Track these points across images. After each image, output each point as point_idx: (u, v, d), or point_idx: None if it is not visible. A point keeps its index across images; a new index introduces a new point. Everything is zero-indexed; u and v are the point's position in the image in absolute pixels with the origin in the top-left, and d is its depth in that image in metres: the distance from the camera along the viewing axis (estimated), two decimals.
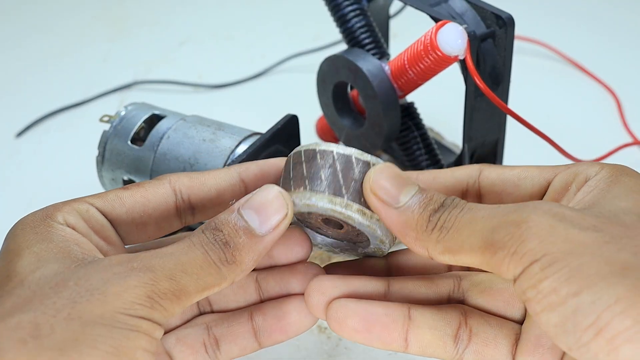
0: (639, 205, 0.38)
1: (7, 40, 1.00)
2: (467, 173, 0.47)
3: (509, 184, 0.46)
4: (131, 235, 0.45)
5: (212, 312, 0.47)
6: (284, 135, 0.54)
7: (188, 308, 0.47)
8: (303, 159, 0.42)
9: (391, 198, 0.41)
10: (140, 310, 0.38)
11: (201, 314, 0.47)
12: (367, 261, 0.47)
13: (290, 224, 0.42)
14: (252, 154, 0.51)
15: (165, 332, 0.46)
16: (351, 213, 0.41)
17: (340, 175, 0.42)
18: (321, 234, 0.46)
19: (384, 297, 0.45)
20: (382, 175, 0.41)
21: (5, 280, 0.39)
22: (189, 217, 0.46)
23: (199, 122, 0.55)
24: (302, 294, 0.45)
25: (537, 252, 0.35)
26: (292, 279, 0.46)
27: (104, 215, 0.44)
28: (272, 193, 0.42)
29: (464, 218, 0.39)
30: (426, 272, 0.48)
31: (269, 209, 0.42)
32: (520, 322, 0.45)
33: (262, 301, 0.47)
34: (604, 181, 0.40)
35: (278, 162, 0.45)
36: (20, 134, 0.81)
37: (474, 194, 0.47)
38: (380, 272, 0.47)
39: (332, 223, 0.44)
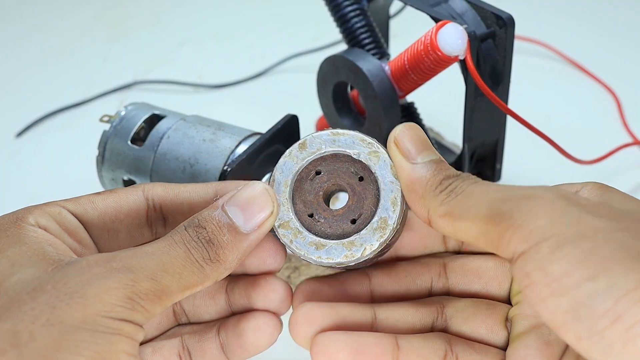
0: (636, 207, 0.36)
1: (7, 40, 1.00)
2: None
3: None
4: (103, 241, 0.44)
5: (189, 323, 0.46)
6: (284, 135, 0.54)
7: (165, 319, 0.46)
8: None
9: (412, 153, 0.40)
10: (122, 312, 0.37)
11: (178, 324, 0.46)
12: (349, 277, 0.46)
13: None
14: (252, 154, 0.51)
15: (142, 343, 0.45)
16: (380, 148, 0.41)
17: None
18: (310, 230, 0.43)
19: (371, 326, 0.44)
20: (408, 132, 0.41)
21: None
22: (160, 228, 0.45)
23: (199, 122, 0.55)
24: (263, 311, 0.44)
25: (546, 230, 0.33)
26: (254, 293, 0.44)
27: (76, 217, 0.42)
28: (257, 189, 0.41)
29: (476, 187, 0.38)
30: (408, 294, 0.46)
31: (254, 206, 0.41)
32: (504, 348, 0.43)
33: (232, 313, 0.45)
34: (594, 192, 0.39)
35: (257, 186, 0.42)
36: (20, 134, 0.81)
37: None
38: (362, 290, 0.46)
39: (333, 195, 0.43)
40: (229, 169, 0.49)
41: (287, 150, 0.42)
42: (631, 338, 0.29)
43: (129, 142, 0.56)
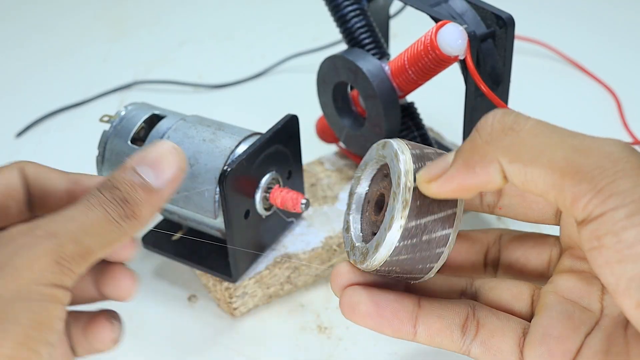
0: None
1: (7, 40, 1.00)
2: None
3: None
4: None
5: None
6: (284, 135, 0.55)
7: None
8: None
9: (443, 167, 0.39)
10: (52, 277, 0.38)
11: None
12: None
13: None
14: (252, 154, 0.51)
15: None
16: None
17: None
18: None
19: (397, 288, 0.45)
20: (424, 170, 0.40)
21: None
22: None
23: (199, 122, 0.55)
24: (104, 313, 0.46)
25: (627, 196, 0.32)
26: (101, 282, 0.46)
27: None
28: (165, 147, 0.42)
29: (541, 124, 0.36)
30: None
31: (164, 163, 0.42)
32: (529, 319, 0.44)
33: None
34: None
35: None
36: (20, 134, 0.81)
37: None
38: None
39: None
40: (228, 169, 0.49)
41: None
42: None
43: (129, 142, 0.56)
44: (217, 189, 0.52)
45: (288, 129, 0.55)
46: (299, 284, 0.59)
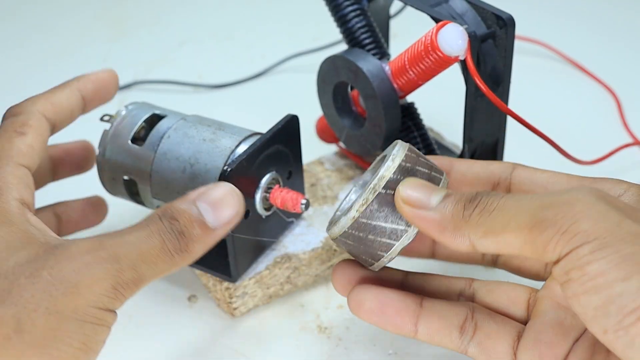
0: None
1: (7, 40, 1.00)
2: (501, 168, 0.49)
3: (537, 186, 0.47)
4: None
5: None
6: (284, 135, 0.54)
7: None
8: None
9: (423, 202, 0.42)
10: (107, 302, 0.40)
11: None
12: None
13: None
14: (253, 154, 0.51)
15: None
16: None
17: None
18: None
19: (400, 287, 0.49)
20: (411, 184, 0.43)
21: None
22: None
23: (199, 122, 0.55)
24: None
25: (589, 234, 0.35)
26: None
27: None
28: (227, 189, 0.45)
29: (509, 200, 0.39)
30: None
31: (223, 204, 0.44)
32: (524, 322, 0.47)
33: None
34: (634, 200, 0.42)
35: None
36: None
37: (504, 190, 0.49)
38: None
39: None
40: (229, 169, 0.49)
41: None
42: None
43: (130, 142, 0.56)
44: None
45: (288, 129, 0.55)
46: (299, 284, 0.59)
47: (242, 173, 0.50)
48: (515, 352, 0.45)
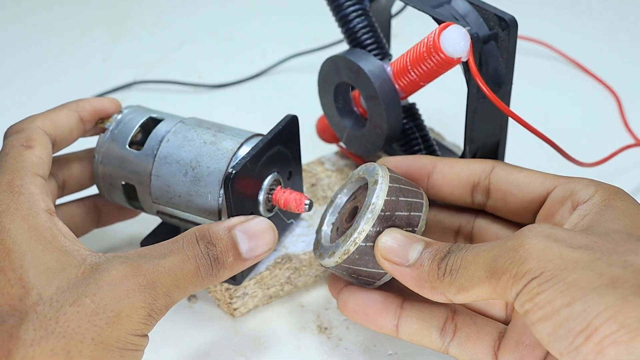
0: (628, 227, 0.41)
1: (7, 40, 1.00)
2: (481, 168, 0.51)
3: (514, 186, 0.50)
4: None
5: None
6: (285, 136, 0.54)
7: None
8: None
9: (401, 258, 0.45)
10: (143, 328, 0.43)
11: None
12: None
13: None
14: (256, 156, 0.51)
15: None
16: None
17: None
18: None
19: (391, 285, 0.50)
20: (389, 239, 0.46)
21: (22, 292, 0.42)
22: None
23: (198, 125, 0.55)
24: None
25: (535, 270, 0.38)
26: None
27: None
28: (266, 225, 0.48)
29: (468, 256, 0.42)
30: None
31: (260, 239, 0.47)
32: (506, 322, 0.49)
33: None
34: (597, 205, 0.44)
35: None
36: None
37: (484, 189, 0.51)
38: None
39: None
40: (233, 172, 0.49)
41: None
42: (600, 350, 0.35)
43: (127, 147, 0.55)
44: (221, 192, 0.52)
45: (289, 129, 0.55)
46: (299, 285, 0.59)
47: (245, 175, 0.50)
48: (497, 353, 0.47)
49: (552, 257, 0.38)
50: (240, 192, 0.50)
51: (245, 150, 0.52)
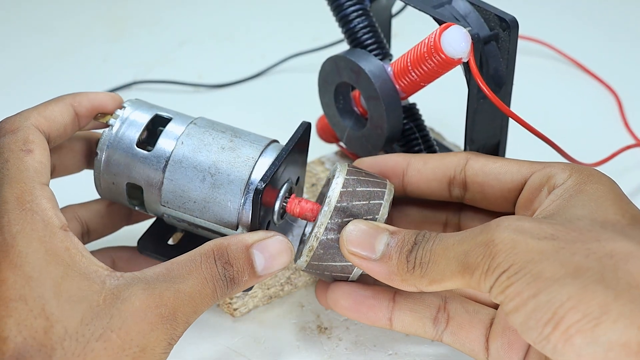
0: (593, 212, 0.42)
1: (7, 40, 1.00)
2: (455, 162, 0.52)
3: (490, 177, 0.50)
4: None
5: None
6: (300, 144, 0.53)
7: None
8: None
9: (368, 251, 0.45)
10: (164, 356, 0.44)
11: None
12: None
13: None
14: (280, 167, 0.50)
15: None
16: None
17: None
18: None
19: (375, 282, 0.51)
20: (353, 230, 0.46)
21: (46, 325, 0.41)
22: None
23: (211, 127, 0.53)
24: None
25: (504, 264, 0.39)
26: None
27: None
28: (283, 245, 0.48)
29: (437, 249, 0.43)
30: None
31: (276, 259, 0.47)
32: (497, 308, 0.50)
33: None
34: (568, 191, 0.45)
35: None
36: None
37: (460, 182, 0.52)
38: None
39: None
40: (264, 185, 0.47)
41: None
42: (568, 339, 0.36)
43: (135, 146, 0.53)
44: (242, 201, 0.50)
45: (303, 136, 0.54)
46: (299, 285, 0.59)
47: (270, 186, 0.49)
48: (488, 339, 0.48)
49: (518, 250, 0.39)
50: (264, 203, 0.49)
51: (265, 158, 0.51)
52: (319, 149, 0.69)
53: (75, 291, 0.42)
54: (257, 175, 0.51)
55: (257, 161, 0.51)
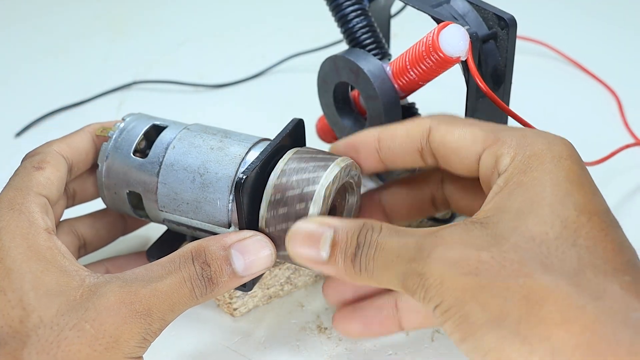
0: (523, 223, 0.40)
1: (7, 40, 1.00)
2: (419, 133, 0.49)
3: (450, 150, 0.48)
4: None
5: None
6: (292, 140, 0.54)
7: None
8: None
9: (315, 257, 0.45)
10: (138, 351, 0.44)
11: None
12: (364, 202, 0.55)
13: None
14: (265, 161, 0.50)
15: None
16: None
17: None
18: None
19: None
20: (296, 247, 0.46)
21: (22, 314, 0.43)
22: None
23: (203, 131, 0.54)
24: None
25: (436, 299, 0.40)
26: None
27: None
28: (262, 244, 0.47)
29: (379, 259, 0.43)
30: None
31: (258, 260, 0.47)
32: None
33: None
34: (508, 183, 0.43)
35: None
36: (19, 133, 0.81)
37: (429, 153, 0.49)
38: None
39: None
40: (244, 176, 0.48)
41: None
42: None
43: (132, 155, 0.54)
44: (230, 198, 0.51)
45: (296, 133, 0.54)
46: (299, 284, 0.59)
47: (256, 180, 0.50)
48: None
49: (447, 287, 0.39)
50: (251, 197, 0.49)
51: (253, 155, 0.52)
52: (318, 148, 0.69)
53: (54, 285, 0.44)
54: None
55: (244, 158, 0.51)
